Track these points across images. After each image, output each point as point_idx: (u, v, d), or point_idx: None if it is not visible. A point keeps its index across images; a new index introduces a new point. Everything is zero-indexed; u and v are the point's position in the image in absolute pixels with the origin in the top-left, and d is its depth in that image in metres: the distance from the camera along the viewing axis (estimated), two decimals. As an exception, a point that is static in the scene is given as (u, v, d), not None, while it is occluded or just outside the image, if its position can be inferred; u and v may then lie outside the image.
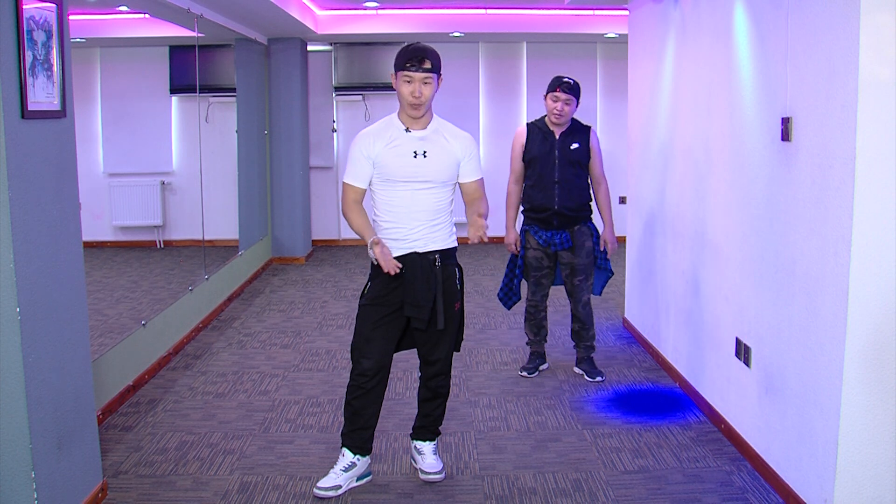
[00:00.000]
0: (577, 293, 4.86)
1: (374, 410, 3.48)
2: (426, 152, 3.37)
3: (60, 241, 3.08)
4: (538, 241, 4.78)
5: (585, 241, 4.78)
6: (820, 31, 3.02)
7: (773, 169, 3.45)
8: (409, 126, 3.39)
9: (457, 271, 3.50)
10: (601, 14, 8.23)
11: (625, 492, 3.47)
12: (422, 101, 3.30)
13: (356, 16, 8.37)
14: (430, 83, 3.31)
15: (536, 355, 5.02)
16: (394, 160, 3.35)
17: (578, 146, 4.71)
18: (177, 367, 5.15)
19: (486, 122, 9.65)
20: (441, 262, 3.42)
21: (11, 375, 2.76)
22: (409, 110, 3.34)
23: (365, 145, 3.38)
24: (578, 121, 4.81)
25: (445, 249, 3.45)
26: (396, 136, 3.38)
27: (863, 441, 2.92)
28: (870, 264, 2.84)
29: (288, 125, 8.55)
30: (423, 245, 3.39)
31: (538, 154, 4.72)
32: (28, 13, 2.81)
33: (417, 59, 3.27)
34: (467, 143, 3.48)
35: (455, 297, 3.48)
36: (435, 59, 3.32)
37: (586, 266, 4.81)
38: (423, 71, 3.27)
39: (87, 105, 6.74)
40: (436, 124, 3.44)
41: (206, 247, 6.49)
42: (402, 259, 3.37)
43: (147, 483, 3.55)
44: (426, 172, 3.36)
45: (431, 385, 3.58)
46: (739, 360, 3.84)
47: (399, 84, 3.32)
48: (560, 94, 4.62)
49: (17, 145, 2.77)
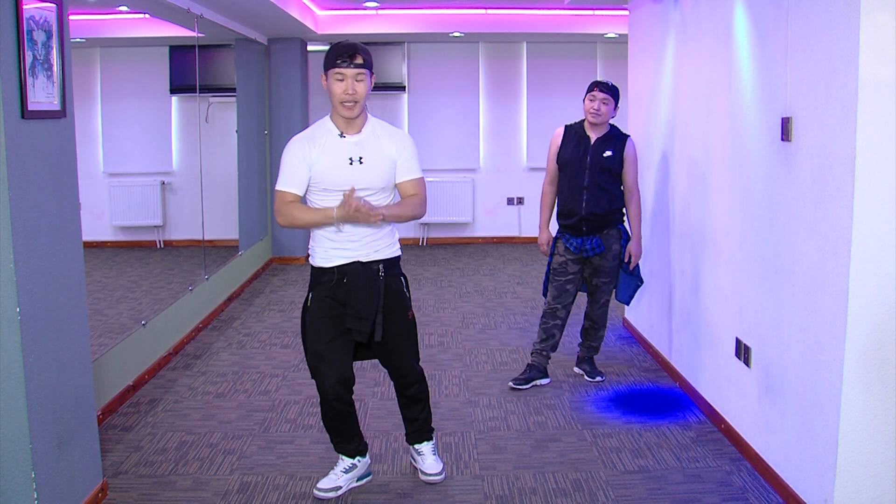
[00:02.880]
0: (597, 294, 4.78)
1: (351, 421, 3.42)
2: (362, 158, 3.22)
3: (60, 241, 3.08)
4: (568, 248, 4.67)
5: (613, 244, 4.68)
6: (820, 31, 3.02)
7: (773, 169, 3.45)
8: (343, 130, 3.24)
9: (402, 280, 3.40)
10: (601, 14, 8.23)
11: (625, 492, 3.47)
12: (356, 98, 3.15)
13: (356, 16, 8.37)
14: (363, 80, 3.16)
15: (533, 367, 4.78)
16: (329, 168, 3.20)
17: (612, 154, 4.60)
18: (177, 367, 5.15)
19: (486, 122, 9.65)
20: (385, 271, 3.31)
21: (11, 375, 2.76)
22: (342, 110, 3.18)
23: (300, 151, 3.22)
24: (618, 128, 4.71)
25: (389, 259, 3.34)
26: (331, 142, 3.23)
27: (863, 441, 2.92)
28: (870, 264, 2.84)
29: (288, 125, 8.54)
30: (365, 255, 3.28)
31: (570, 158, 4.63)
32: (28, 13, 2.81)
33: (348, 54, 3.12)
34: (403, 142, 3.32)
35: (406, 307, 3.40)
36: (366, 55, 3.17)
37: (611, 268, 4.72)
38: (355, 67, 3.13)
39: (87, 105, 6.74)
40: (371, 126, 3.29)
41: (206, 247, 6.49)
42: (345, 269, 3.27)
43: (147, 483, 3.55)
44: (364, 179, 3.21)
45: (408, 394, 3.53)
46: (739, 360, 3.84)
47: (330, 83, 3.17)
48: (597, 93, 4.55)
49: (17, 145, 2.77)
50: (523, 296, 7.08)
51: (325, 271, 3.30)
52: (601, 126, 4.62)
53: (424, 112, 9.51)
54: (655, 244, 5.32)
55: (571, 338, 5.52)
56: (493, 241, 9.76)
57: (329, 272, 3.29)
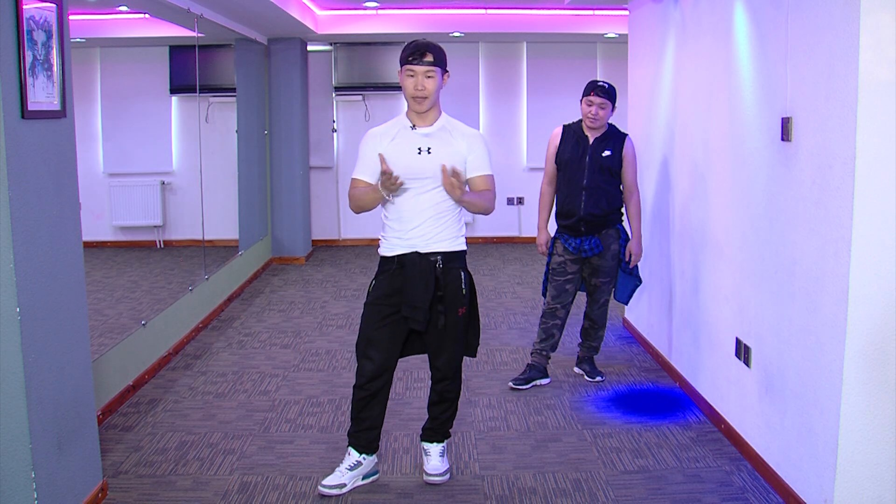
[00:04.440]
0: (597, 293, 4.77)
1: (379, 411, 3.49)
2: (430, 149, 3.36)
3: (60, 241, 3.08)
4: (567, 248, 4.67)
5: (611, 243, 4.67)
6: (820, 31, 3.02)
7: (773, 169, 3.45)
8: (415, 123, 3.41)
9: (462, 275, 3.44)
10: (601, 14, 8.23)
11: (625, 492, 3.47)
12: (424, 94, 3.31)
13: (356, 16, 8.37)
14: (433, 77, 3.32)
15: (533, 367, 4.78)
16: (398, 156, 3.34)
17: (611, 154, 4.59)
18: (177, 367, 5.15)
19: (487, 122, 9.64)
20: (443, 264, 3.38)
21: (11, 375, 2.76)
22: (412, 104, 3.36)
23: (373, 142, 3.41)
24: (616, 127, 4.70)
25: (450, 252, 3.40)
26: (402, 132, 3.41)
27: (863, 441, 2.92)
28: (870, 264, 2.84)
29: (288, 125, 8.55)
30: (424, 245, 3.37)
31: (569, 158, 4.63)
32: (28, 13, 2.81)
33: (419, 52, 3.30)
34: (474, 140, 3.46)
35: (460, 302, 3.43)
36: (438, 54, 3.33)
37: (611, 268, 4.71)
38: (424, 64, 3.30)
39: (87, 105, 6.74)
40: (443, 122, 3.45)
41: (206, 247, 6.49)
42: (403, 258, 3.37)
43: (147, 483, 3.56)
44: (430, 169, 3.34)
45: (438, 388, 3.56)
46: (739, 360, 3.84)
47: (403, 79, 3.35)
48: (594, 97, 4.53)
49: (17, 145, 2.77)
50: (523, 296, 7.08)
51: (387, 260, 3.43)
52: (599, 127, 4.63)
53: (424, 112, 9.50)
54: (655, 244, 5.32)
55: (571, 338, 5.52)
56: (493, 241, 9.75)
57: (390, 261, 3.42)
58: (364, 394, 3.42)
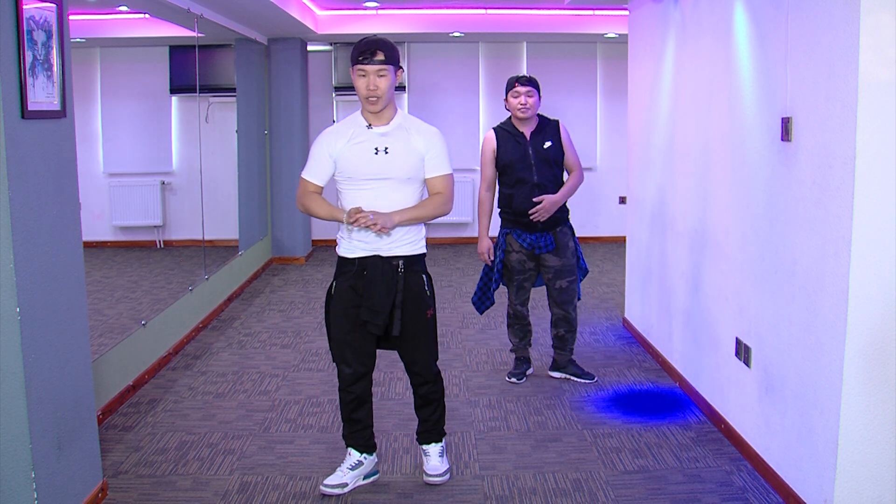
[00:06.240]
0: (566, 295, 4.73)
1: (367, 410, 3.50)
2: (388, 149, 3.28)
3: (60, 241, 3.08)
4: (521, 244, 4.68)
5: (568, 241, 4.69)
6: (820, 31, 3.02)
7: (773, 169, 3.45)
8: (371, 122, 3.31)
9: (424, 278, 3.40)
10: (601, 14, 8.23)
11: (625, 492, 3.47)
12: (377, 94, 3.22)
13: (356, 16, 8.37)
14: (386, 75, 3.22)
15: (523, 360, 4.91)
16: (355, 157, 3.28)
17: (551, 144, 4.61)
18: (177, 367, 5.15)
19: (487, 122, 9.64)
20: (405, 268, 3.33)
21: (11, 375, 2.76)
22: (366, 105, 3.26)
23: (327, 143, 3.33)
24: (545, 116, 4.72)
25: (411, 255, 3.35)
26: (358, 132, 3.31)
27: (863, 441, 2.92)
28: (870, 264, 2.84)
29: (288, 125, 8.55)
30: (387, 249, 3.31)
31: (513, 158, 4.60)
32: (28, 13, 2.81)
33: (370, 51, 3.19)
34: (432, 138, 3.35)
35: (426, 305, 3.40)
36: (388, 51, 3.22)
37: (573, 267, 4.73)
38: (376, 63, 3.19)
39: (87, 105, 6.74)
40: (400, 119, 3.34)
41: (206, 247, 6.49)
42: (364, 261, 3.31)
43: (147, 483, 3.56)
44: (388, 169, 3.27)
45: (421, 392, 3.55)
46: (739, 360, 3.84)
47: (355, 79, 3.25)
48: (520, 87, 4.54)
49: (17, 145, 2.77)
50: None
51: (347, 261, 3.37)
52: (531, 120, 4.62)
53: (424, 112, 9.48)
54: (655, 244, 5.32)
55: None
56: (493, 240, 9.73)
57: (350, 262, 3.36)
58: (351, 396, 3.43)
